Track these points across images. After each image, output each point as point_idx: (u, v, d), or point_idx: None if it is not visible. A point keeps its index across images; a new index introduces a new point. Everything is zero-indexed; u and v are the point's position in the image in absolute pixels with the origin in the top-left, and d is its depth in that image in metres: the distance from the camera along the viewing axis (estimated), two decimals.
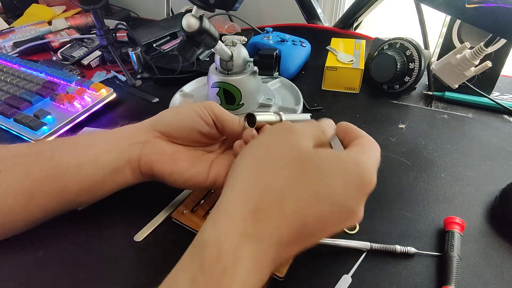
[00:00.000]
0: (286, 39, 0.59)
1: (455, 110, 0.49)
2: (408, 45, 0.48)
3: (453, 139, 0.43)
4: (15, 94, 0.51)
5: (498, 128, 0.45)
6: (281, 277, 0.27)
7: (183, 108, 0.32)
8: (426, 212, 0.33)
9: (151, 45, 0.66)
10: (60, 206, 0.30)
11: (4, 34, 0.72)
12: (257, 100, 0.47)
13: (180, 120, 0.31)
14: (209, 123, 0.30)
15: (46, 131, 0.45)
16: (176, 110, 0.32)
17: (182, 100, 0.51)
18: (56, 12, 0.88)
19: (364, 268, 0.29)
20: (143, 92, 0.56)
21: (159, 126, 0.31)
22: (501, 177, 0.37)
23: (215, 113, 0.31)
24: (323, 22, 0.80)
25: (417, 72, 0.48)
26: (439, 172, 0.38)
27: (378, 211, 0.33)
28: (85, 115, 0.49)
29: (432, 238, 0.31)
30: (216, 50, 0.40)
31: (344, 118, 0.47)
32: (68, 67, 0.60)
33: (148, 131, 0.31)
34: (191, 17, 0.34)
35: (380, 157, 0.24)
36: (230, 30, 0.76)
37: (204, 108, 0.30)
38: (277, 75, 0.53)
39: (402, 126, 0.46)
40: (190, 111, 0.30)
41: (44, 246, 0.31)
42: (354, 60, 0.53)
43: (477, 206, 0.34)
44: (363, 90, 0.54)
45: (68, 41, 0.71)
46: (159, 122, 0.32)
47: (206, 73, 0.46)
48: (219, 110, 0.31)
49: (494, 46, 0.45)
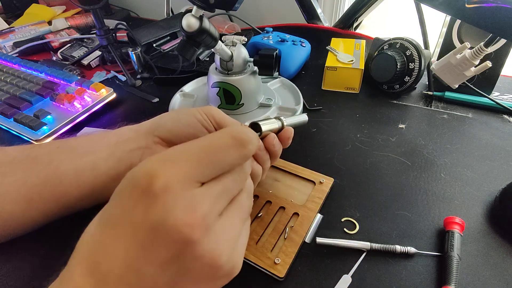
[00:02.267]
0: (286, 39, 0.59)
1: (455, 110, 0.49)
2: (408, 45, 0.48)
3: (453, 139, 0.43)
4: (15, 94, 0.51)
5: (498, 128, 0.45)
6: (281, 277, 0.27)
7: (184, 115, 0.31)
8: (426, 212, 0.33)
9: (151, 45, 0.66)
10: (61, 211, 0.30)
11: (4, 34, 0.72)
12: (257, 100, 0.47)
13: (181, 127, 0.30)
14: (210, 130, 0.30)
15: (46, 131, 0.45)
16: (177, 117, 0.31)
17: (182, 100, 0.51)
18: (56, 12, 0.88)
19: (364, 268, 0.29)
20: (143, 92, 0.56)
21: (160, 131, 0.31)
22: (501, 177, 0.37)
23: (216, 119, 0.30)
24: (323, 22, 0.80)
25: (417, 72, 0.48)
26: (439, 172, 0.38)
27: (378, 211, 0.34)
28: (85, 115, 0.49)
29: (432, 238, 0.31)
30: (216, 50, 0.40)
31: (344, 118, 0.48)
32: (68, 67, 0.60)
33: (147, 136, 0.31)
34: (191, 17, 0.34)
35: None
36: (230, 30, 0.76)
37: (205, 114, 0.30)
38: (277, 75, 0.53)
39: (402, 126, 0.46)
40: (192, 117, 0.30)
41: (44, 246, 0.31)
42: (354, 60, 0.53)
43: (477, 206, 0.34)
44: (363, 90, 0.54)
45: (68, 41, 0.71)
46: (160, 127, 0.31)
47: (206, 73, 0.46)
48: (220, 116, 0.30)
49: (494, 46, 0.45)
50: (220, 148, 0.19)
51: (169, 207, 0.17)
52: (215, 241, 0.18)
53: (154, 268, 0.18)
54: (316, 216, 0.32)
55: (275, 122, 0.29)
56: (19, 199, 0.28)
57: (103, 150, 0.30)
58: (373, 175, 0.38)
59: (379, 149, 0.42)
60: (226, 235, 0.19)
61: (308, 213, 0.32)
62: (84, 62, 0.64)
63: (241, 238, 0.21)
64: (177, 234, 0.17)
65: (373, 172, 0.38)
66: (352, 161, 0.40)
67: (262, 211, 0.33)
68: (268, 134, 0.28)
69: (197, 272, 0.18)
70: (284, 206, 0.33)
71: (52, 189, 0.29)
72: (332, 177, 0.36)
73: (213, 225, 0.18)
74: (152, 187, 0.17)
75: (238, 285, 0.28)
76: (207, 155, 0.19)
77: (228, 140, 0.20)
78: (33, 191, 0.28)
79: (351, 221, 0.33)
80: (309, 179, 0.36)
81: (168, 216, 0.17)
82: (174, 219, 0.17)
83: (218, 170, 0.20)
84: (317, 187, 0.35)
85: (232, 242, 0.20)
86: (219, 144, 0.20)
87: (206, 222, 0.18)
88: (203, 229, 0.17)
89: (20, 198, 0.28)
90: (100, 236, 0.19)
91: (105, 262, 0.18)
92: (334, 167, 0.39)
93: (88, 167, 0.29)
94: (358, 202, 0.35)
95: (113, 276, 0.18)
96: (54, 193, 0.29)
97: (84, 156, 0.30)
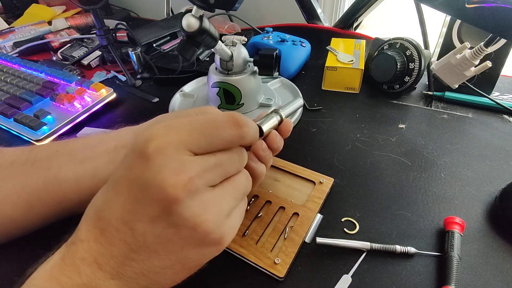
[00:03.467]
0: (286, 39, 0.59)
1: (455, 110, 0.49)
2: (408, 45, 0.48)
3: (453, 139, 0.43)
4: (15, 94, 0.51)
5: (498, 128, 0.45)
6: (281, 277, 0.27)
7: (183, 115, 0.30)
8: (426, 212, 0.33)
9: (151, 45, 0.66)
10: (61, 214, 0.30)
11: (4, 34, 0.72)
12: (257, 100, 0.47)
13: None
14: None
15: (46, 131, 0.45)
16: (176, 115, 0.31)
17: (182, 100, 0.51)
18: (56, 12, 0.88)
19: (364, 268, 0.29)
20: (143, 92, 0.56)
21: None
22: (501, 177, 0.37)
23: None
24: (323, 22, 0.80)
25: (417, 72, 0.48)
26: (439, 172, 0.38)
27: (378, 211, 0.34)
28: (85, 115, 0.49)
29: (432, 238, 0.31)
30: (216, 50, 0.40)
31: (344, 118, 0.48)
32: (68, 67, 0.60)
33: None
34: (191, 17, 0.34)
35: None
36: (230, 30, 0.76)
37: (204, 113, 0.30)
38: (277, 75, 0.53)
39: (402, 126, 0.46)
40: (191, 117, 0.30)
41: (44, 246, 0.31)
42: (354, 60, 0.53)
43: (477, 206, 0.34)
44: (363, 90, 0.54)
45: (68, 41, 0.71)
46: None
47: (206, 73, 0.46)
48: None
49: (494, 46, 0.45)
50: (217, 123, 0.21)
51: (159, 168, 0.19)
52: (202, 207, 0.19)
53: (144, 224, 0.19)
54: (316, 216, 0.32)
55: (274, 118, 0.28)
56: (19, 203, 0.28)
57: (103, 157, 0.30)
58: (373, 175, 0.38)
59: (379, 149, 0.42)
60: (215, 206, 0.20)
61: (308, 213, 0.32)
62: (84, 62, 0.64)
63: (233, 214, 0.22)
64: (162, 192, 0.18)
65: (373, 172, 0.38)
66: (352, 161, 0.40)
67: (262, 211, 0.33)
68: (270, 132, 0.28)
69: (184, 234, 0.19)
70: (284, 206, 0.33)
71: (53, 194, 0.29)
72: (332, 177, 0.36)
73: (201, 191, 0.20)
74: (147, 149, 0.19)
75: (238, 285, 0.28)
76: (204, 127, 0.20)
77: (226, 118, 0.21)
78: (33, 196, 0.28)
79: (351, 221, 0.33)
80: (309, 179, 0.36)
81: (157, 176, 0.18)
82: (161, 179, 0.18)
83: (214, 144, 0.21)
84: (317, 187, 0.35)
85: (221, 214, 0.21)
86: (217, 119, 0.21)
87: (191, 185, 0.19)
88: (186, 191, 0.19)
89: (20, 202, 0.28)
90: (105, 193, 0.21)
91: (107, 214, 0.20)
92: (334, 167, 0.39)
93: (88, 174, 0.29)
94: (358, 202, 0.35)
95: (111, 228, 0.20)
96: (54, 198, 0.29)
97: (84, 162, 0.29)
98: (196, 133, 0.20)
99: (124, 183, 0.20)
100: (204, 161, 0.20)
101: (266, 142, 0.27)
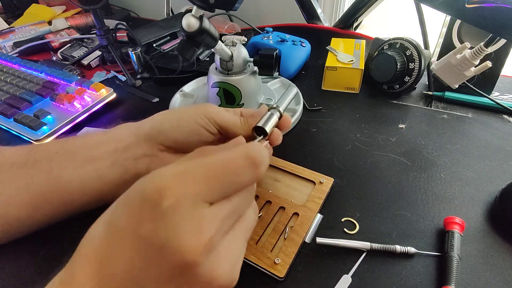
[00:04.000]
0: (286, 39, 0.59)
1: (455, 110, 0.49)
2: (408, 45, 0.48)
3: (452, 139, 0.43)
4: (15, 94, 0.51)
5: (497, 128, 0.45)
6: (281, 277, 0.27)
7: (185, 122, 0.30)
8: (426, 212, 0.33)
9: (151, 45, 0.66)
10: (68, 214, 0.30)
11: (4, 34, 0.72)
12: (257, 100, 0.47)
13: (185, 135, 0.30)
14: (214, 133, 0.30)
15: (46, 131, 0.45)
16: (178, 124, 0.30)
17: (182, 100, 0.51)
18: (56, 12, 0.88)
19: (364, 268, 0.29)
20: (143, 92, 0.56)
21: (163, 140, 0.30)
22: (500, 177, 0.37)
23: (217, 122, 0.30)
24: (323, 22, 0.80)
25: (417, 72, 0.48)
26: (439, 172, 0.38)
27: (378, 211, 0.34)
28: (85, 115, 0.49)
29: (432, 238, 0.31)
30: (216, 50, 0.40)
31: (344, 118, 0.48)
32: (68, 67, 0.60)
33: (151, 144, 0.30)
34: (191, 17, 0.34)
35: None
36: (230, 30, 0.76)
37: (206, 118, 0.29)
38: (277, 75, 0.52)
39: (402, 126, 0.46)
40: (194, 124, 0.29)
41: (45, 246, 0.31)
42: (354, 60, 0.53)
43: (477, 206, 0.34)
44: (363, 90, 0.54)
45: (68, 41, 0.71)
46: (161, 135, 0.30)
47: (206, 73, 0.46)
48: (220, 118, 0.30)
49: (494, 46, 0.45)
50: (234, 169, 0.19)
51: (175, 229, 0.17)
52: (217, 261, 0.18)
53: (154, 284, 0.18)
54: (316, 216, 0.32)
55: (275, 116, 0.28)
56: (24, 204, 0.28)
57: (104, 158, 0.30)
58: (373, 175, 0.38)
59: (379, 149, 0.42)
60: (229, 254, 0.19)
61: (308, 213, 0.32)
62: (84, 62, 0.64)
63: (242, 254, 0.21)
64: (180, 256, 0.17)
65: (373, 172, 0.38)
66: (352, 161, 0.40)
67: (262, 211, 0.33)
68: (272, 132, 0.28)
69: None
70: (284, 206, 0.33)
71: (58, 195, 0.29)
72: (332, 177, 0.36)
73: (217, 245, 0.18)
74: (162, 204, 0.17)
75: (238, 285, 0.28)
76: (221, 174, 0.19)
77: (242, 161, 0.20)
78: (37, 198, 0.28)
79: (351, 221, 0.33)
80: (309, 179, 0.36)
81: (174, 237, 0.17)
82: (179, 240, 0.17)
83: (230, 190, 0.19)
84: (317, 187, 0.35)
85: (234, 260, 0.20)
86: (233, 164, 0.19)
87: (210, 244, 0.18)
88: (206, 252, 0.18)
89: (25, 203, 0.28)
90: (108, 242, 0.19)
91: (110, 268, 0.18)
92: (334, 167, 0.39)
93: (92, 176, 0.29)
94: (358, 202, 0.35)
95: (115, 283, 0.18)
96: (60, 200, 0.29)
97: (86, 164, 0.29)
98: (213, 182, 0.19)
99: (133, 238, 0.18)
100: (221, 212, 0.19)
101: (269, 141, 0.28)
